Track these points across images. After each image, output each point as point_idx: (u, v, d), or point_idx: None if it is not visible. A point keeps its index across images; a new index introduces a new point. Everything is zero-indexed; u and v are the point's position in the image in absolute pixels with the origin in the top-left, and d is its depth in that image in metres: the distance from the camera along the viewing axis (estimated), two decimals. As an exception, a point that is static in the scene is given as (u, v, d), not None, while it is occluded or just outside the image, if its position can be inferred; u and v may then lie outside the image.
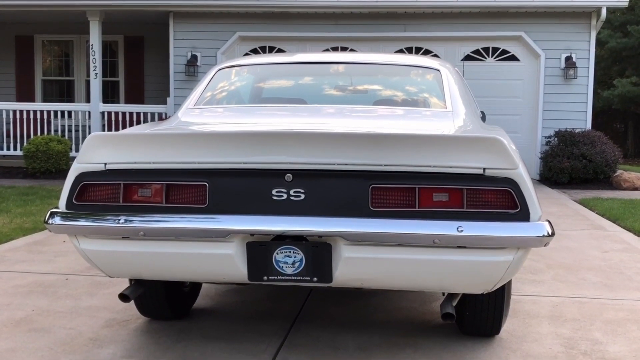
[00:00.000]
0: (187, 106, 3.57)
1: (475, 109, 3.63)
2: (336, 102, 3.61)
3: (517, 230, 2.46)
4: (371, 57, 4.05)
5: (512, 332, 3.48)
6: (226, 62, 4.02)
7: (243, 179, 2.58)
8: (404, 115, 3.35)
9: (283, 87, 3.94)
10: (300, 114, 3.36)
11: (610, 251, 5.48)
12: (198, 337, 3.39)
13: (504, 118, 11.25)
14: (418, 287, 2.76)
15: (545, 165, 10.39)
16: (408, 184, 2.51)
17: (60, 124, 11.77)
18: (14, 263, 4.86)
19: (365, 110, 3.43)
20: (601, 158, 9.90)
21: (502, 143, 2.45)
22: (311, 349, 3.23)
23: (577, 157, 9.96)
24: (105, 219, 2.63)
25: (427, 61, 3.90)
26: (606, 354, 3.21)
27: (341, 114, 3.34)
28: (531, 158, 11.16)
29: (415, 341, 3.33)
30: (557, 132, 10.55)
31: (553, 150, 10.29)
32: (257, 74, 4.02)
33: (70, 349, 3.21)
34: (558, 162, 10.03)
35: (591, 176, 10.02)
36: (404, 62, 3.89)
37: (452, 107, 3.39)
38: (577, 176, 10.02)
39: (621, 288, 4.37)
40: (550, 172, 10.17)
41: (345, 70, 3.94)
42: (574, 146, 10.10)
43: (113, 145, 2.65)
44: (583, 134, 10.32)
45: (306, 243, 2.58)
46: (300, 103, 3.60)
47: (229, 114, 3.48)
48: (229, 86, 3.84)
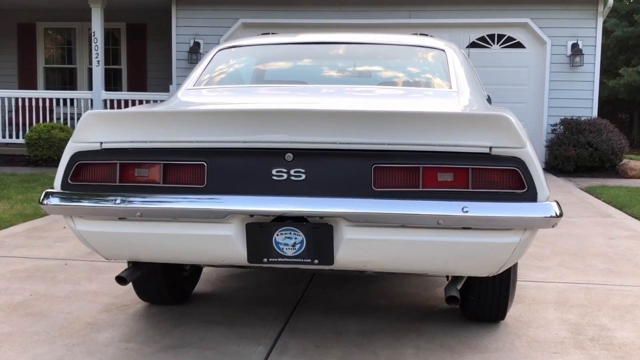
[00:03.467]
0: (187, 87, 3.49)
1: (481, 90, 3.55)
2: (338, 83, 3.53)
3: (524, 211, 2.39)
4: (375, 37, 3.97)
5: (518, 318, 3.41)
6: (226, 42, 3.94)
7: (242, 159, 2.51)
8: (408, 95, 3.27)
9: (284, 68, 3.85)
10: (301, 94, 3.28)
11: (617, 238, 5.40)
12: (198, 321, 3.33)
13: (509, 106, 11.07)
14: (422, 270, 2.69)
15: (550, 153, 10.30)
16: (412, 164, 2.44)
17: (62, 112, 11.71)
18: (12, 248, 4.81)
19: (368, 90, 3.36)
20: (607, 146, 9.80)
21: (509, 120, 2.37)
22: (312, 333, 3.17)
23: (583, 145, 9.87)
24: (101, 199, 2.56)
25: (432, 41, 3.82)
26: (614, 339, 3.14)
27: (343, 93, 3.26)
28: (537, 146, 11.07)
29: (418, 326, 3.26)
30: (563, 120, 10.46)
31: (559, 139, 10.20)
32: (257, 55, 3.94)
33: (67, 333, 3.15)
34: (564, 151, 9.94)
35: (597, 164, 9.93)
36: (409, 42, 3.80)
37: (457, 87, 3.30)
38: (583, 164, 9.92)
39: (628, 274, 4.30)
40: (555, 160, 10.08)
41: (348, 50, 3.85)
42: (580, 134, 10.00)
43: (109, 123, 2.57)
44: (589, 122, 10.22)
45: (307, 224, 2.52)
46: (301, 83, 3.51)
47: (228, 94, 3.41)
48: (229, 67, 3.76)
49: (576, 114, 10.59)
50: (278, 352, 2.96)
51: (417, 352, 2.96)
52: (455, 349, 3.00)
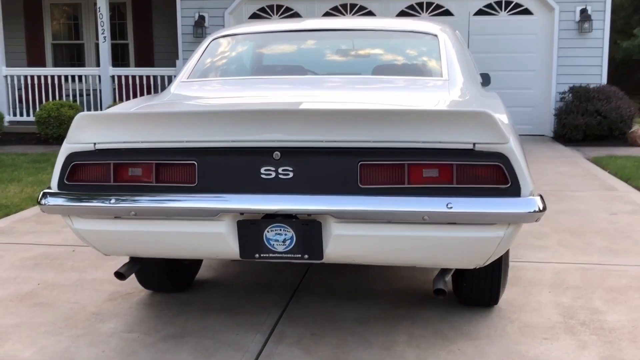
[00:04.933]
0: (181, 79, 3.54)
1: (474, 76, 3.56)
2: (331, 73, 3.56)
3: (508, 206, 2.43)
4: (368, 22, 3.96)
5: (512, 302, 3.47)
6: (220, 31, 3.96)
7: (231, 158, 2.56)
8: (399, 87, 3.29)
9: (276, 58, 3.88)
10: (292, 87, 3.32)
11: (619, 213, 5.42)
12: (199, 309, 3.43)
13: (518, 74, 11.08)
14: (409, 263, 2.75)
15: (559, 122, 10.24)
16: (397, 161, 2.48)
17: (71, 88, 11.80)
18: (22, 235, 4.92)
19: (359, 82, 3.38)
20: (616, 114, 9.73)
21: (491, 117, 2.40)
22: (309, 320, 3.26)
23: (592, 114, 9.80)
24: (97, 199, 2.64)
25: (426, 26, 3.80)
26: (605, 323, 3.20)
27: (334, 86, 3.29)
28: (545, 115, 11.02)
29: (413, 312, 3.34)
30: (571, 88, 10.37)
31: (567, 107, 10.13)
32: (250, 44, 3.96)
33: (72, 324, 3.26)
34: (572, 119, 9.88)
35: (606, 133, 9.87)
36: (402, 28, 3.80)
37: (448, 75, 3.32)
38: (592, 133, 9.87)
39: (626, 253, 4.33)
40: (564, 129, 10.04)
41: (340, 38, 3.87)
42: (588, 102, 9.92)
43: (101, 125, 2.63)
44: (598, 90, 10.13)
45: (296, 221, 2.58)
46: (293, 74, 3.54)
47: (221, 88, 3.45)
48: (223, 57, 3.79)
49: (585, 81, 10.49)
50: (275, 340, 3.05)
51: (409, 340, 3.04)
52: (448, 336, 3.08)
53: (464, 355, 2.89)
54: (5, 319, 3.33)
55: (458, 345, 2.97)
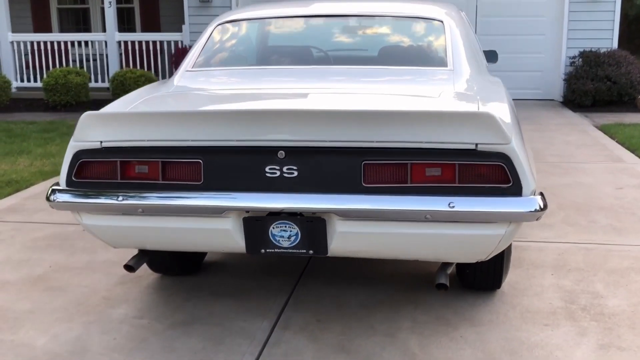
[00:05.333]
0: (186, 68, 3.55)
1: (479, 63, 3.55)
2: (336, 62, 3.55)
3: (509, 205, 2.47)
4: (373, 7, 3.92)
5: (515, 285, 3.53)
6: (224, 15, 3.94)
7: (237, 156, 2.60)
8: (403, 80, 3.29)
9: (280, 46, 3.87)
10: (297, 80, 3.32)
11: (625, 187, 5.44)
12: (207, 294, 3.50)
13: (528, 38, 10.95)
14: (412, 258, 2.80)
15: (568, 87, 10.17)
16: (400, 160, 2.51)
17: (78, 53, 11.80)
18: (33, 213, 5.00)
19: (364, 74, 3.38)
20: (626, 80, 9.64)
21: (493, 118, 2.41)
22: (315, 306, 3.33)
23: (602, 79, 9.71)
24: (105, 196, 2.69)
25: (431, 11, 3.78)
26: (605, 308, 3.26)
27: (339, 79, 3.30)
28: (554, 79, 10.93)
29: (416, 297, 3.40)
30: (581, 53, 10.26)
31: (577, 72, 10.03)
32: (254, 31, 3.95)
33: (84, 310, 3.35)
34: (582, 85, 9.80)
35: (615, 98, 9.80)
36: (408, 13, 3.77)
37: (453, 64, 3.32)
38: (601, 98, 9.80)
39: (630, 232, 4.37)
40: (573, 94, 9.97)
41: (346, 24, 3.85)
42: (598, 67, 9.83)
43: (107, 124, 2.67)
44: (608, 54, 10.02)
45: (301, 218, 2.62)
46: (298, 64, 3.54)
47: (226, 80, 3.46)
48: (227, 45, 3.79)
49: (596, 46, 10.37)
50: (281, 327, 3.13)
51: (413, 326, 3.11)
52: (451, 322, 3.15)
53: (465, 342, 2.96)
54: (19, 304, 3.42)
55: (460, 332, 3.04)
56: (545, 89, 11.06)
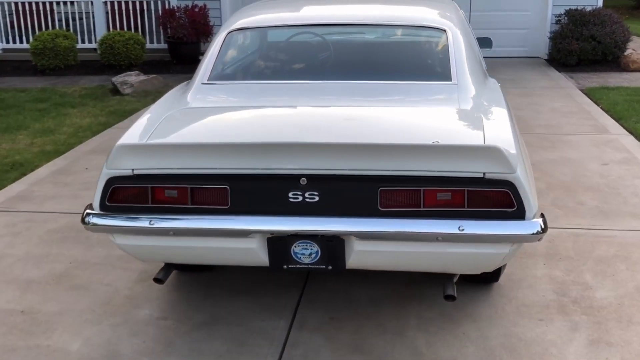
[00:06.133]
0: (201, 80, 3.70)
1: (479, 71, 3.72)
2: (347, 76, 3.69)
3: (513, 229, 2.70)
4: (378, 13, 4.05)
5: (510, 276, 3.80)
6: (234, 23, 4.03)
7: (261, 183, 2.79)
8: (412, 99, 3.45)
9: (289, 58, 4.01)
10: (307, 96, 3.51)
11: (610, 163, 5.70)
12: (224, 291, 3.73)
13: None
14: (422, 270, 3.04)
15: (554, 46, 10.32)
16: (414, 187, 2.72)
17: (63, 12, 11.71)
18: (43, 201, 5.16)
19: (374, 90, 3.53)
20: (610, 39, 9.82)
21: (500, 152, 2.62)
22: (327, 303, 3.58)
23: (587, 39, 9.87)
24: (138, 220, 2.88)
25: (434, 17, 3.91)
26: (594, 301, 3.54)
27: (351, 97, 3.48)
28: (540, 37, 11.06)
29: (421, 292, 3.66)
30: (567, 11, 10.38)
31: (563, 31, 10.17)
32: (265, 40, 4.08)
33: (111, 311, 3.57)
34: (567, 44, 9.96)
35: (600, 58, 9.99)
36: (412, 22, 3.91)
37: (457, 78, 3.51)
38: (586, 58, 9.99)
39: (616, 214, 4.64)
40: (559, 54, 10.13)
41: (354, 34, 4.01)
42: (583, 27, 9.97)
43: (139, 154, 2.84)
44: (593, 13, 10.15)
45: (321, 238, 2.84)
46: (307, 79, 3.68)
47: (242, 97, 3.60)
48: (240, 56, 3.93)
49: (581, 4, 10.48)
50: (297, 326, 3.38)
51: (419, 323, 3.38)
52: (454, 318, 3.42)
53: (468, 339, 3.23)
54: (48, 306, 3.63)
55: (463, 329, 3.32)
56: (531, 46, 11.20)
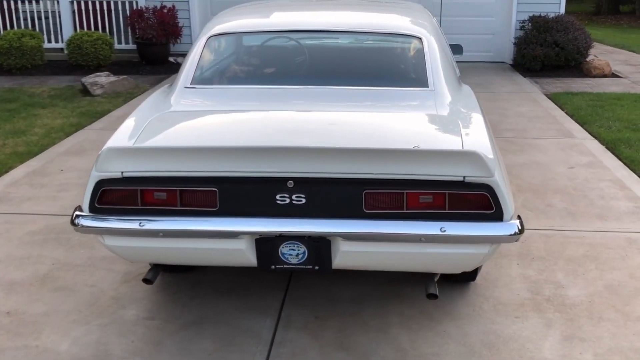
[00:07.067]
0: (184, 84, 3.76)
1: (453, 77, 3.87)
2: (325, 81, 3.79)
3: (492, 230, 2.84)
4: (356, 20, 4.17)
5: (486, 276, 3.95)
6: (214, 27, 4.10)
7: (250, 185, 2.88)
8: (392, 104, 3.57)
9: (268, 62, 4.10)
10: (289, 101, 3.61)
11: (576, 167, 5.91)
12: (210, 291, 3.80)
13: (479, 2, 11.27)
14: (405, 270, 3.16)
15: (518, 51, 10.60)
16: (397, 189, 2.84)
17: (28, 10, 11.59)
18: (20, 202, 5.14)
19: (355, 96, 3.65)
20: (573, 45, 10.12)
21: (479, 157, 2.76)
22: (310, 302, 3.67)
23: (550, 45, 10.16)
24: (127, 221, 2.93)
25: (409, 26, 4.05)
26: (566, 299, 3.71)
27: (331, 102, 3.59)
28: (505, 42, 11.34)
29: (401, 291, 3.78)
30: (531, 17, 10.66)
31: (527, 37, 10.45)
32: (247, 46, 4.18)
33: (97, 311, 3.61)
34: (531, 50, 10.24)
35: (563, 63, 10.30)
36: (388, 30, 4.05)
37: (433, 84, 3.65)
38: (550, 63, 10.28)
39: (584, 216, 4.83)
40: (523, 59, 10.41)
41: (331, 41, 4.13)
42: (547, 33, 10.26)
43: (128, 156, 2.89)
44: (556, 20, 10.45)
45: (308, 239, 2.94)
46: (287, 84, 3.77)
47: (225, 101, 3.67)
48: (222, 59, 4.01)
49: (544, 10, 10.78)
50: (283, 325, 3.47)
51: (401, 321, 3.50)
52: (434, 316, 3.55)
53: (449, 336, 3.36)
54: (34, 307, 3.65)
55: (443, 327, 3.45)
56: (496, 51, 11.47)
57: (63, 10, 11.45)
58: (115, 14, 11.53)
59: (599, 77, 10.01)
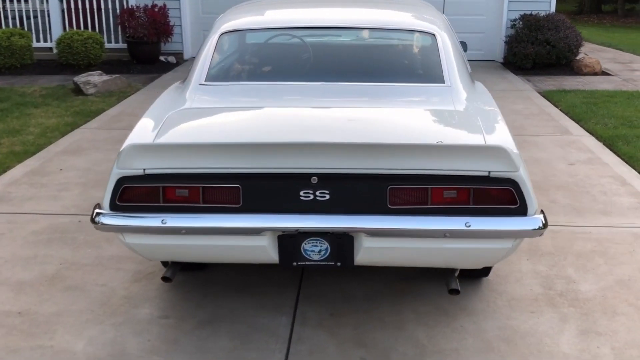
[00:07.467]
0: (198, 81, 3.73)
1: (467, 76, 3.88)
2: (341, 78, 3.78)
3: (517, 224, 2.84)
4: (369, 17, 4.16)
5: (497, 272, 3.95)
6: (226, 24, 4.07)
7: (274, 182, 2.86)
8: (411, 100, 3.58)
9: (282, 59, 4.08)
10: (308, 97, 3.59)
11: (576, 163, 5.95)
12: (222, 290, 3.77)
13: (470, 0, 11.32)
14: (428, 265, 3.17)
15: (510, 50, 10.65)
16: (422, 185, 2.83)
17: (17, 9, 11.47)
18: (21, 202, 5.08)
19: (374, 92, 3.64)
20: (564, 44, 10.20)
21: (505, 151, 2.76)
22: (324, 300, 3.66)
23: (541, 43, 10.23)
24: (149, 219, 2.90)
25: (423, 23, 4.05)
26: (579, 294, 3.73)
27: (350, 98, 3.57)
28: (496, 41, 11.40)
29: (415, 287, 3.78)
30: (522, 16, 10.73)
31: (518, 35, 10.51)
32: (257, 42, 4.16)
33: (110, 311, 3.57)
34: (523, 48, 10.30)
35: (554, 61, 10.37)
36: (403, 27, 4.05)
37: (450, 80, 3.65)
38: (541, 61, 10.35)
39: (588, 212, 4.87)
40: (515, 57, 10.47)
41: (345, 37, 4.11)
42: (538, 31, 10.33)
43: (151, 153, 2.86)
44: (547, 18, 10.53)
45: (331, 235, 2.92)
46: (303, 80, 3.76)
47: (243, 98, 3.65)
48: (236, 56, 3.99)
49: (535, 9, 10.85)
50: (300, 323, 3.45)
51: (417, 317, 3.49)
52: (449, 311, 3.55)
53: (466, 332, 3.37)
54: (45, 307, 3.60)
55: (460, 322, 3.45)
56: (487, 50, 11.52)
57: (52, 9, 11.32)
58: (105, 13, 11.43)
59: (589, 75, 10.10)
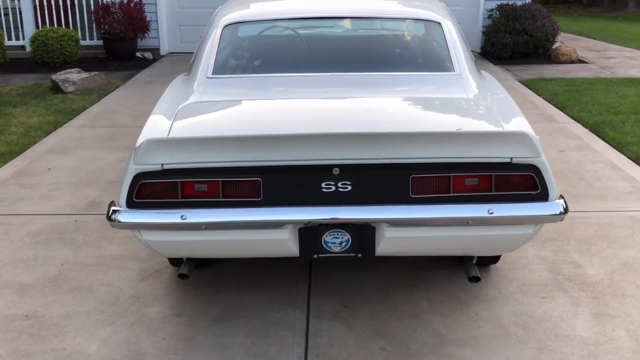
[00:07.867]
0: (205, 74, 3.66)
1: (474, 65, 3.89)
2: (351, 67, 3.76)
3: (539, 210, 2.85)
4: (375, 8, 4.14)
5: (504, 259, 3.97)
6: (228, 15, 4.01)
7: (294, 174, 2.82)
8: (422, 89, 3.58)
9: (295, 51, 4.02)
10: (320, 88, 3.56)
11: (566, 150, 6.02)
12: (231, 285, 3.73)
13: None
14: (449, 254, 3.17)
15: (487, 40, 10.73)
16: (443, 173, 2.83)
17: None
18: (13, 203, 4.95)
19: (381, 81, 3.63)
20: (541, 33, 10.31)
21: (528, 137, 2.77)
22: (336, 291, 3.64)
23: (519, 33, 10.33)
24: (168, 215, 2.84)
25: (427, 12, 4.05)
26: (587, 277, 3.76)
27: (363, 87, 3.55)
28: (473, 32, 11.45)
29: (426, 277, 3.78)
30: (499, 6, 10.81)
31: (495, 25, 10.59)
32: (262, 33, 4.11)
33: (120, 310, 3.50)
34: (500, 38, 10.38)
35: (531, 50, 10.47)
36: (410, 16, 4.05)
37: (459, 69, 3.65)
38: (519, 51, 10.45)
39: (584, 197, 4.92)
40: (493, 47, 10.55)
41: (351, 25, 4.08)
42: (515, 21, 10.42)
43: (169, 148, 2.80)
44: (524, 8, 10.62)
45: (352, 226, 2.90)
46: (313, 71, 3.72)
47: (254, 90, 3.60)
48: (242, 48, 3.93)
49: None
50: (315, 316, 3.43)
51: (431, 306, 3.49)
52: (462, 299, 3.55)
53: (482, 319, 3.38)
54: (52, 309, 3.52)
55: (474, 310, 3.46)
56: (464, 40, 11.57)
57: (24, 6, 11.07)
58: (79, 9, 11.22)
59: (567, 64, 10.23)
